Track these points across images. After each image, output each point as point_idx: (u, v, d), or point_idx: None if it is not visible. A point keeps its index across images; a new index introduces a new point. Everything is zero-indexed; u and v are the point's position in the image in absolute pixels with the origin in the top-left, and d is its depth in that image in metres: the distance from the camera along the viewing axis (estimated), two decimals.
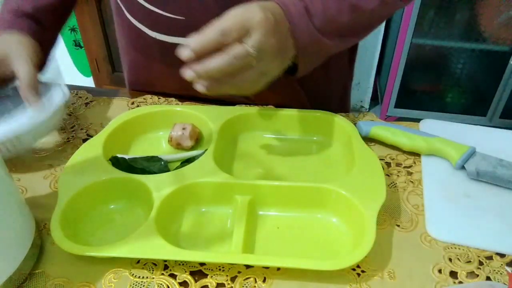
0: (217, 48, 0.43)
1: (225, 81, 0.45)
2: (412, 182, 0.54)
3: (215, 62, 0.43)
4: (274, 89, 0.67)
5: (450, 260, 0.45)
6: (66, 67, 1.98)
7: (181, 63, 0.65)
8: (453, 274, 0.44)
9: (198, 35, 0.43)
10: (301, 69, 0.53)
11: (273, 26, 0.45)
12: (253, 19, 0.44)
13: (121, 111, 0.61)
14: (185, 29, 0.60)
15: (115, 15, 0.68)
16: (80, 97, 0.69)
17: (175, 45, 0.62)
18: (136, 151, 0.59)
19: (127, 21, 0.64)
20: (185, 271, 0.44)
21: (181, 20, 0.58)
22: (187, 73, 0.44)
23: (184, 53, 0.43)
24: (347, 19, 0.52)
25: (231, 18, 0.43)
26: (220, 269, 0.44)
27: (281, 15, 0.47)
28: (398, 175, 0.55)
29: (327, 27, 0.51)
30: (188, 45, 0.42)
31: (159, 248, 0.43)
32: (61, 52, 1.93)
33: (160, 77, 0.68)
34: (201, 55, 0.43)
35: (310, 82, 0.69)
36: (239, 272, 0.44)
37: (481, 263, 0.45)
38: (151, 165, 0.54)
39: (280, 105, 0.63)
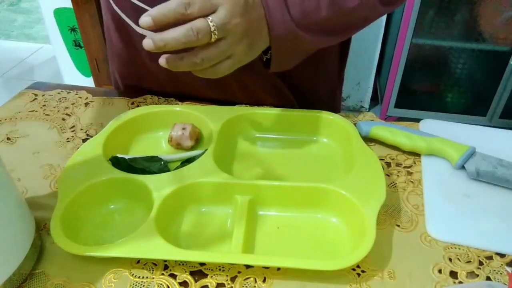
0: (178, 20, 0.42)
1: (184, 56, 0.44)
2: (412, 182, 0.54)
3: (173, 32, 0.41)
4: (262, 90, 0.67)
5: (450, 260, 0.45)
6: (66, 67, 1.98)
7: None
8: (453, 274, 0.44)
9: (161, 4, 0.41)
10: (274, 62, 0.52)
11: (242, 7, 0.44)
12: None
13: (121, 111, 0.61)
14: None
15: (104, 7, 0.68)
16: (80, 97, 0.69)
17: None
18: (136, 151, 0.59)
19: (114, 13, 0.63)
20: (185, 271, 0.44)
21: None
22: (145, 41, 0.42)
23: (143, 20, 0.41)
24: (325, 15, 0.51)
25: None
26: (220, 269, 0.44)
27: (255, 0, 0.46)
28: (398, 175, 0.55)
29: (304, 20, 0.50)
30: (147, 12, 0.41)
31: (159, 248, 0.43)
32: (61, 52, 1.93)
33: (148, 72, 0.68)
34: (161, 25, 0.41)
35: (298, 85, 0.69)
36: (239, 272, 0.44)
37: (481, 263, 0.45)
38: (151, 165, 0.54)
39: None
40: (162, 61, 0.44)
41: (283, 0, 0.48)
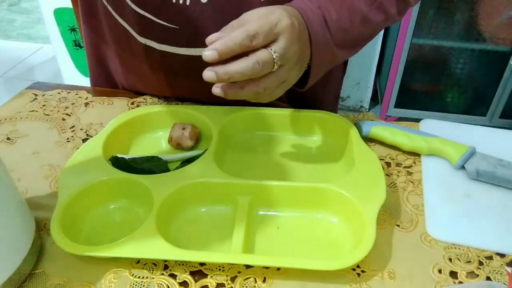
0: (242, 52, 0.41)
1: (244, 86, 0.43)
2: (412, 182, 0.54)
3: (239, 66, 0.41)
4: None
5: (450, 260, 0.45)
6: (66, 67, 1.98)
7: (169, 70, 0.64)
8: (453, 274, 0.44)
9: (223, 36, 0.41)
10: (311, 81, 0.52)
11: (297, 33, 0.44)
12: (280, 24, 0.42)
13: (121, 111, 0.61)
14: (177, 38, 0.58)
15: (103, 15, 0.65)
16: (80, 97, 0.69)
17: (164, 53, 0.61)
18: (136, 151, 0.59)
19: (114, 21, 0.62)
20: (185, 271, 0.44)
21: (174, 28, 0.57)
22: (207, 74, 0.41)
23: (207, 54, 0.40)
24: (357, 31, 0.52)
25: (256, 21, 0.41)
26: (220, 269, 0.44)
27: (302, 23, 0.46)
28: (398, 175, 0.55)
29: (340, 37, 0.50)
30: (212, 46, 0.40)
31: (159, 248, 0.43)
32: (61, 52, 1.93)
33: (150, 82, 0.67)
34: (225, 58, 0.41)
35: (305, 92, 0.68)
36: (239, 272, 0.44)
37: (481, 263, 0.45)
38: (151, 165, 0.54)
39: None
40: (218, 91, 0.43)
41: (323, 19, 0.48)
